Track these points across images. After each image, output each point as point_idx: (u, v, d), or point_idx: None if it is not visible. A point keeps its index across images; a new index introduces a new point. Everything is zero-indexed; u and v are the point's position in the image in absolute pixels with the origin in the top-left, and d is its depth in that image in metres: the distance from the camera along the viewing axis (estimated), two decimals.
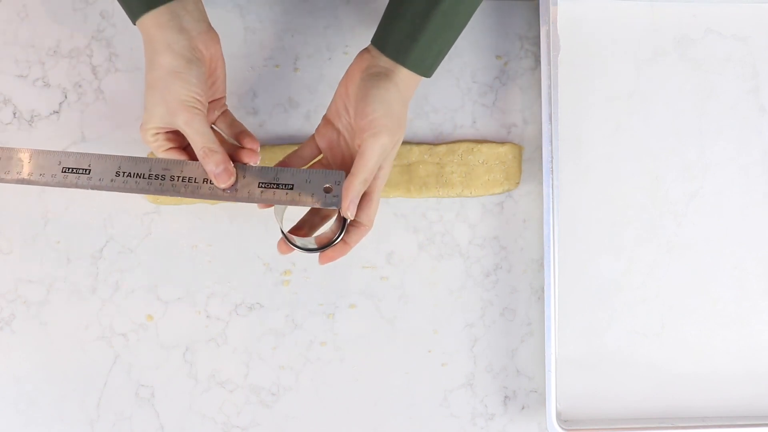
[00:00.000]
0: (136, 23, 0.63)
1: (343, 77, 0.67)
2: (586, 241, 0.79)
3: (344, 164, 0.68)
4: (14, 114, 0.78)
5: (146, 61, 0.63)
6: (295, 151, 0.69)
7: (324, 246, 0.66)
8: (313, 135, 0.69)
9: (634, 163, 0.80)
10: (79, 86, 0.78)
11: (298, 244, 0.66)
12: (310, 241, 0.67)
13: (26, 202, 0.77)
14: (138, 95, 0.78)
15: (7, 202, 0.77)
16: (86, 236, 0.77)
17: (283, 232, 0.66)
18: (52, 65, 0.78)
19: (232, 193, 0.64)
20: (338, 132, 0.68)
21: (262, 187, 0.64)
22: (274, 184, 0.64)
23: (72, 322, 0.76)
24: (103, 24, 0.78)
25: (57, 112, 0.78)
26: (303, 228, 0.69)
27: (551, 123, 0.75)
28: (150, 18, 0.62)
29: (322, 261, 0.67)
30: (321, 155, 0.69)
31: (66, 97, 0.78)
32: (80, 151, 0.71)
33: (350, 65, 0.67)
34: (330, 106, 0.68)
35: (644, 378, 0.78)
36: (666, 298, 0.79)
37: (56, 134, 0.77)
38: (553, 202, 0.75)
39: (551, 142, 0.75)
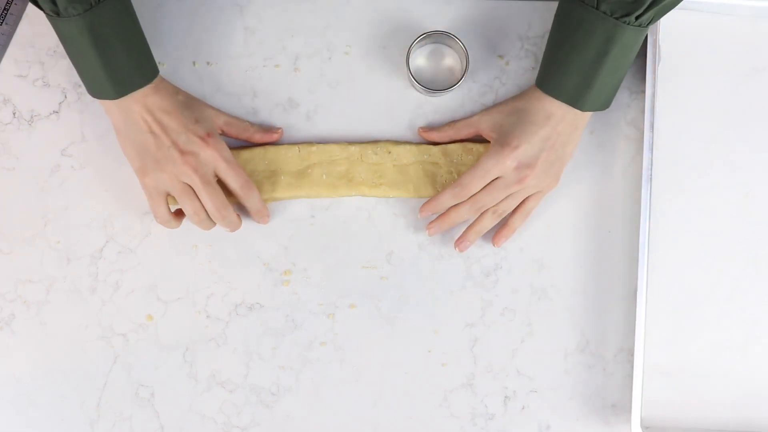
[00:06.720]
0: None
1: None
2: (676, 250, 0.78)
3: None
4: (14, 114, 0.77)
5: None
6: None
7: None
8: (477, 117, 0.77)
9: (727, 178, 0.79)
10: (79, 86, 0.78)
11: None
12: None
13: (26, 202, 0.77)
14: None
15: (7, 203, 0.77)
16: (86, 236, 0.77)
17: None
18: (52, 65, 0.78)
19: None
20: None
21: None
22: None
23: (72, 322, 0.76)
24: None
25: (57, 112, 0.78)
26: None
27: None
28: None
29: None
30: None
31: (66, 97, 0.78)
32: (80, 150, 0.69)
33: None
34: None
35: (726, 390, 0.77)
36: (752, 313, 0.78)
37: (56, 134, 0.77)
38: (649, 210, 0.75)
39: None
